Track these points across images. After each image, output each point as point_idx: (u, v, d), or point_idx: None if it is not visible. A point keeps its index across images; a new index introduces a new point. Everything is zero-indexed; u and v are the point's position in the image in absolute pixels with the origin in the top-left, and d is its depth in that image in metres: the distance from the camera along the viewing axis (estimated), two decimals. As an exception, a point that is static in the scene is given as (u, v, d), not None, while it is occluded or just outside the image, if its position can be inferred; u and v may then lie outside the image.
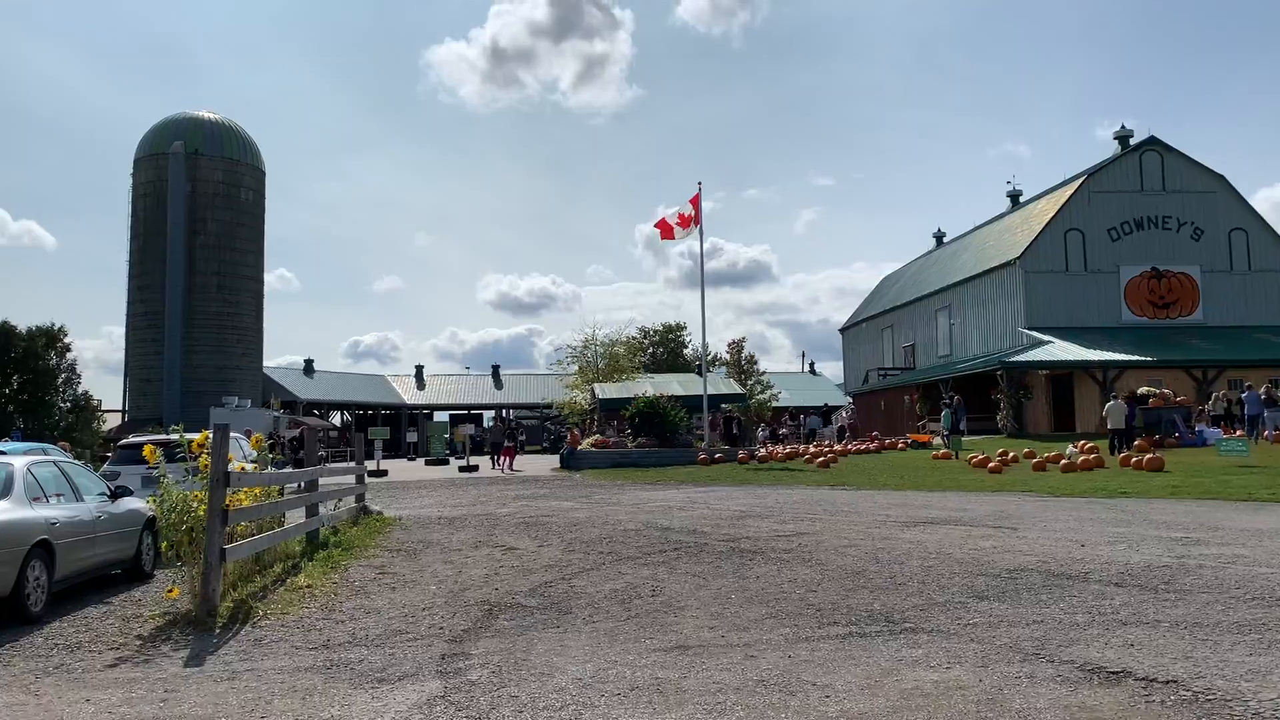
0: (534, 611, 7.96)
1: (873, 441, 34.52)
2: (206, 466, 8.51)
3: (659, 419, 31.68)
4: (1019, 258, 42.25)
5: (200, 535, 8.42)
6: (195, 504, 8.70)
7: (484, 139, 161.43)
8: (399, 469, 37.11)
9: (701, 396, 37.41)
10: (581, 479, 26.60)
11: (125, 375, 58.42)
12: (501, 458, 32.80)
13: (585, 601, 8.29)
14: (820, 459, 26.45)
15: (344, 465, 14.01)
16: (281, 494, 12.25)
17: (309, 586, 9.44)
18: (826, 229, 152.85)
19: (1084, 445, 27.27)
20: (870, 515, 13.91)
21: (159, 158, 56.22)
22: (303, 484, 12.33)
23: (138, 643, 7.35)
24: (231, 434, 15.58)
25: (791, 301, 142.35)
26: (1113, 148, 45.62)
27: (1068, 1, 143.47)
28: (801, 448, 33.38)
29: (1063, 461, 21.82)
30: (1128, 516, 12.84)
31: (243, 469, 10.74)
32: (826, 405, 50.58)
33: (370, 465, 33.66)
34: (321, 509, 12.97)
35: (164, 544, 8.90)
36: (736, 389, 40.67)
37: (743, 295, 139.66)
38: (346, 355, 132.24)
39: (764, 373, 64.40)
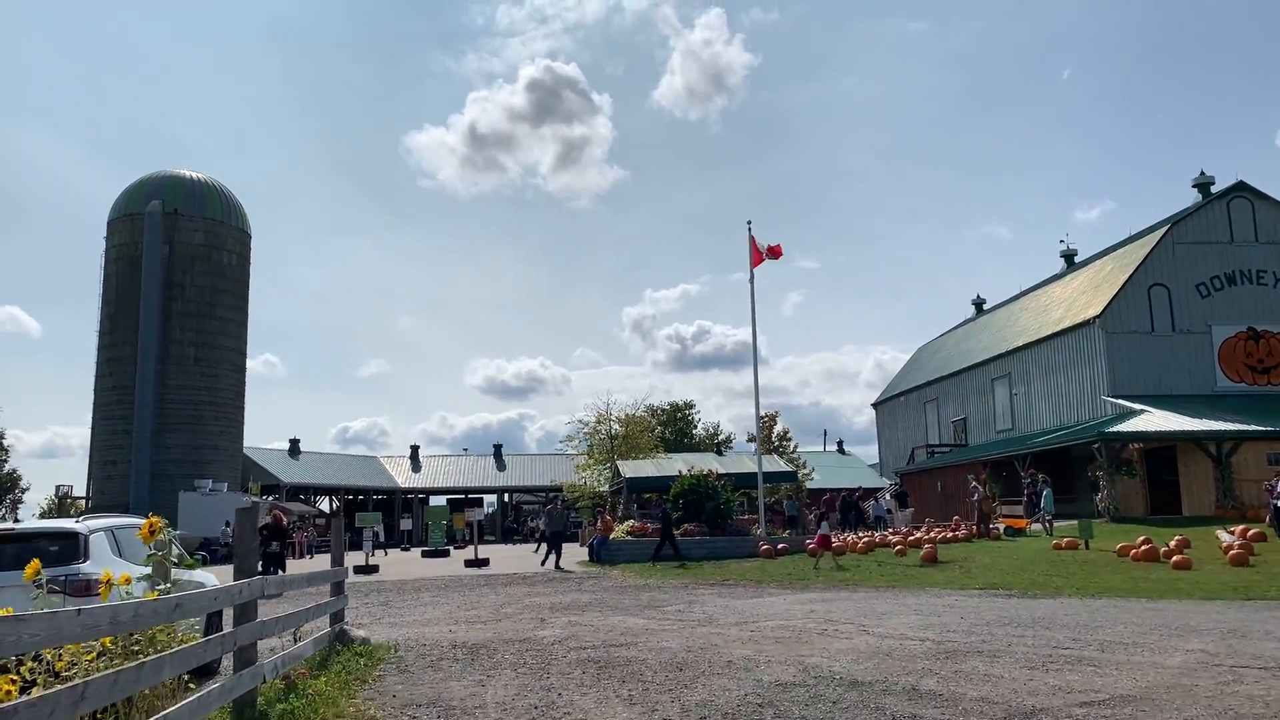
0: None
1: (959, 528, 29.03)
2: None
3: (709, 501, 26.23)
4: (1099, 316, 37.26)
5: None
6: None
7: (466, 222, 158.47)
8: (393, 562, 31.48)
9: (743, 474, 32.16)
10: (624, 577, 21.04)
11: (90, 457, 52.73)
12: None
13: None
14: (925, 552, 20.95)
15: (304, 574, 8.47)
16: (216, 627, 7.17)
17: None
18: (814, 312, 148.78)
19: (1244, 530, 21.94)
20: (1167, 649, 8.52)
21: (134, 218, 51.45)
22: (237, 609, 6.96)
23: None
24: (105, 523, 9.93)
25: (782, 384, 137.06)
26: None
27: (1045, 87, 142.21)
28: (879, 536, 27.84)
29: (1283, 554, 16.46)
30: None
31: (107, 582, 5.46)
32: (897, 484, 44.59)
33: (358, 558, 28.06)
34: (271, 643, 7.66)
35: None
36: (784, 466, 35.27)
37: (732, 378, 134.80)
38: (335, 441, 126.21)
39: (795, 450, 59.19)
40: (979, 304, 59.49)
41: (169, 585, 6.18)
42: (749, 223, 28.33)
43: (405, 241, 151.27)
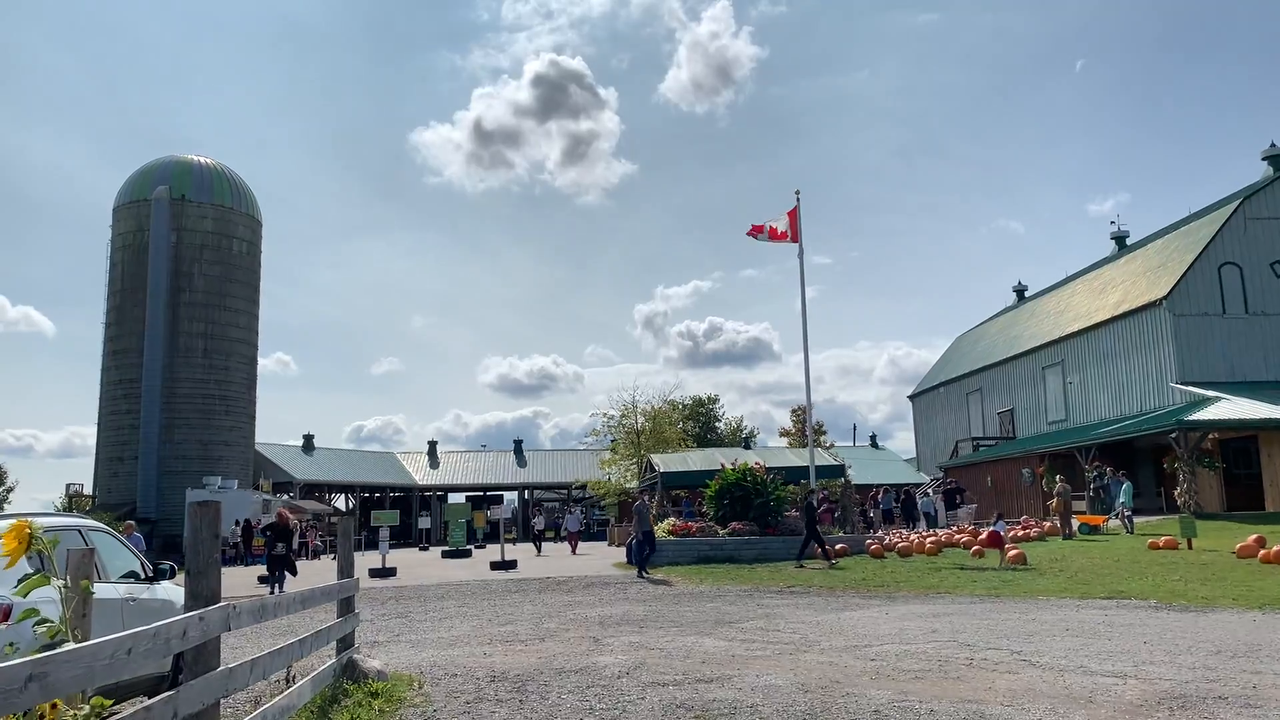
0: None
1: (1030, 526, 26.57)
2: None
3: (756, 497, 23.84)
4: (1165, 298, 34.66)
5: None
6: None
7: (475, 219, 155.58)
8: (410, 563, 29.25)
9: (784, 469, 29.73)
10: (673, 583, 18.70)
11: (96, 454, 50.73)
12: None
13: None
14: (1012, 553, 18.48)
15: (297, 594, 5.96)
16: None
17: None
18: (827, 308, 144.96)
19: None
20: None
21: (140, 205, 49.37)
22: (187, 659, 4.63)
23: None
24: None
25: (796, 381, 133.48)
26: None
27: (1058, 79, 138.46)
28: (944, 534, 25.44)
29: None
30: None
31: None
32: (951, 482, 41.48)
33: (374, 561, 25.82)
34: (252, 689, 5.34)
35: None
36: (829, 460, 32.81)
37: (745, 375, 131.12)
38: (350, 440, 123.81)
39: (830, 445, 56.74)
40: (1020, 290, 56.90)
41: (60, 626, 3.86)
42: (797, 192, 25.87)
43: (414, 239, 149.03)
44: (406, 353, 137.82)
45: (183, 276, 48.93)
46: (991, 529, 18.71)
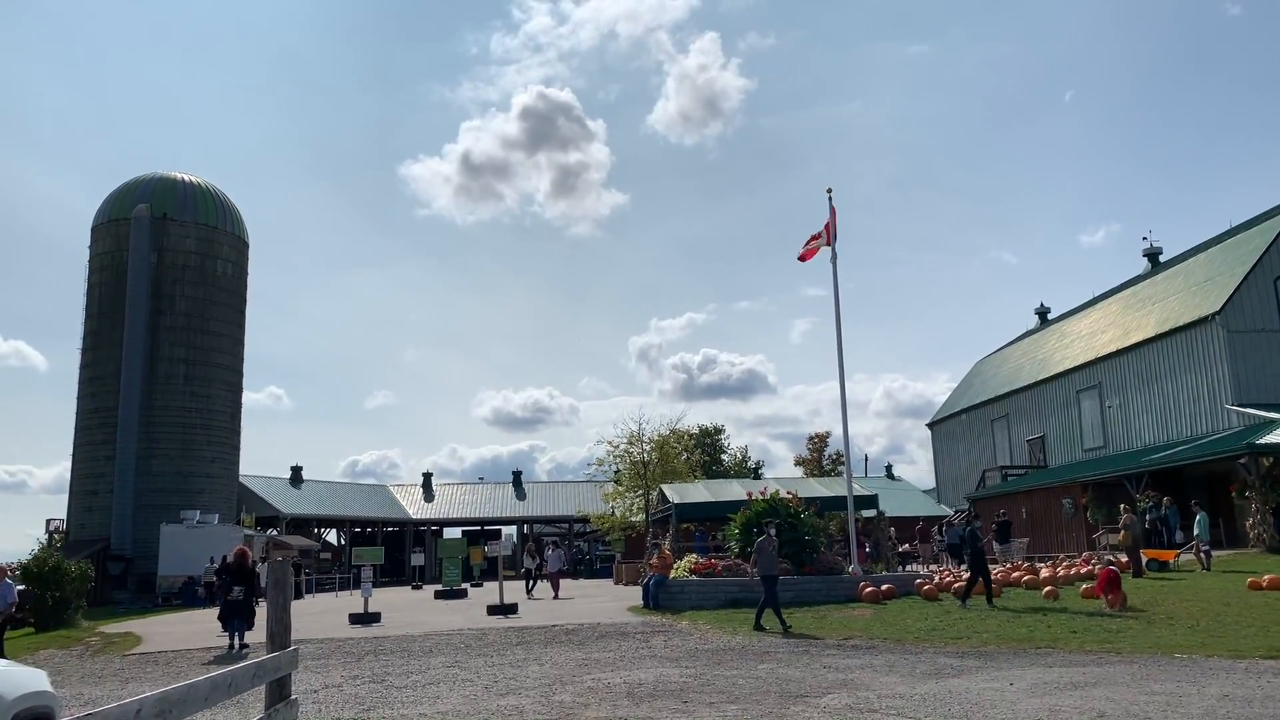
0: None
1: (1091, 563, 23.73)
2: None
3: (790, 532, 21.01)
4: (1218, 313, 32.03)
5: None
6: None
7: (466, 252, 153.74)
8: (400, 605, 26.33)
9: (810, 499, 26.95)
10: (701, 632, 15.87)
11: (70, 487, 47.72)
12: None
13: None
14: (1112, 597, 15.59)
15: (161, 695, 3.04)
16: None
17: None
18: (822, 340, 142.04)
19: None
20: None
21: (119, 224, 46.69)
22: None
23: None
24: None
25: (793, 413, 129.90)
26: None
27: (1047, 110, 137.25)
28: (998, 573, 22.58)
29: None
30: None
31: None
32: (1002, 514, 37.89)
33: (356, 604, 22.90)
34: None
35: None
36: (860, 490, 29.98)
37: (741, 407, 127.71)
38: (344, 475, 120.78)
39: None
40: (1043, 313, 54.26)
41: None
42: (829, 190, 23.28)
43: (406, 271, 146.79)
44: (400, 386, 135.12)
45: (163, 299, 46.14)
46: (1107, 567, 16.01)
